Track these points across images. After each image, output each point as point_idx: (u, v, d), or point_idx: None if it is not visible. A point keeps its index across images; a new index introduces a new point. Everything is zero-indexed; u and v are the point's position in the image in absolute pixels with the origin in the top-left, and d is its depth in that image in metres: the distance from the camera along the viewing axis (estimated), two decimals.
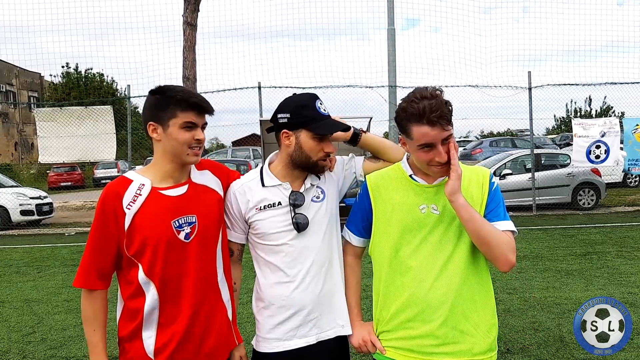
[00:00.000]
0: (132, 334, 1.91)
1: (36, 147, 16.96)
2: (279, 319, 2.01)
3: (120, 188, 1.88)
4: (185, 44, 13.23)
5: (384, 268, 1.96)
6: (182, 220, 1.90)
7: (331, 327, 2.04)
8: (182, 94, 1.87)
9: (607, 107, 29.05)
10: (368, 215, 2.01)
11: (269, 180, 2.02)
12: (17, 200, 13.93)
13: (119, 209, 1.85)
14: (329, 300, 2.03)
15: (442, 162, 1.83)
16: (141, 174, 1.94)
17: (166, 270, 1.88)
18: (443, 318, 1.85)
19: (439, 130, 1.79)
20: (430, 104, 1.77)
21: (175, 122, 1.86)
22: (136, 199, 1.87)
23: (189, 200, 1.93)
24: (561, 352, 4.23)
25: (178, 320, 1.90)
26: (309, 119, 1.94)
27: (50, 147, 13.30)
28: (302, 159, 1.97)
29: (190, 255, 1.91)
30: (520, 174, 13.40)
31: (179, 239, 1.89)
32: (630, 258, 7.51)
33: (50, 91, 35.91)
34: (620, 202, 14.22)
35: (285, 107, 1.99)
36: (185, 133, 1.87)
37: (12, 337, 5.17)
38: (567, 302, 5.53)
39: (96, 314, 1.92)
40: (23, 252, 10.29)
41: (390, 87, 12.42)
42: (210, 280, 1.97)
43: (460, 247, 1.87)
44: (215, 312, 1.99)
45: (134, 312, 1.90)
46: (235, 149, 24.67)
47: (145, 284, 1.88)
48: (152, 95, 1.91)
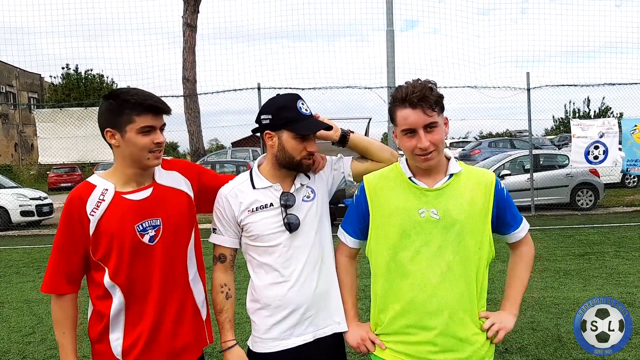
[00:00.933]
0: (101, 335, 1.93)
1: (36, 148, 16.98)
2: (275, 319, 2.01)
3: (83, 194, 1.88)
4: (185, 45, 13.25)
5: (381, 271, 1.94)
6: (146, 224, 1.90)
7: (327, 324, 2.05)
8: (136, 97, 1.83)
9: (606, 108, 29.08)
10: (365, 217, 1.98)
11: (259, 182, 2.03)
12: (17, 201, 13.93)
13: (83, 215, 1.86)
14: (324, 297, 2.04)
15: (423, 149, 1.81)
16: (105, 177, 1.94)
17: (131, 273, 1.89)
18: (443, 325, 1.83)
19: (420, 114, 1.79)
20: (413, 87, 1.81)
21: (133, 127, 1.83)
22: (100, 205, 1.87)
23: (153, 203, 1.92)
24: (559, 352, 4.25)
25: (144, 321, 1.91)
26: (290, 119, 1.96)
27: (50, 148, 13.33)
28: (285, 159, 1.99)
29: (156, 257, 1.91)
30: (519, 175, 13.41)
31: (142, 242, 1.89)
32: (629, 258, 7.52)
33: (50, 92, 35.91)
34: (619, 202, 14.23)
35: (268, 108, 2.01)
36: (143, 137, 1.84)
37: (12, 337, 5.19)
38: (566, 302, 5.54)
39: (66, 317, 1.94)
40: (23, 252, 10.30)
41: (389, 88, 12.42)
42: (178, 281, 1.97)
43: (460, 253, 1.84)
44: (185, 312, 1.99)
45: (101, 314, 1.92)
46: (234, 150, 24.65)
47: (111, 287, 1.89)
48: (106, 100, 1.88)
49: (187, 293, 2.01)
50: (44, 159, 13.83)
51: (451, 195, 1.87)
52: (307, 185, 2.07)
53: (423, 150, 1.82)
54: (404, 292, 1.87)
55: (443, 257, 1.83)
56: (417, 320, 1.85)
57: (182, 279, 1.99)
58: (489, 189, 1.90)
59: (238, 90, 13.24)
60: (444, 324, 1.83)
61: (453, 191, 1.88)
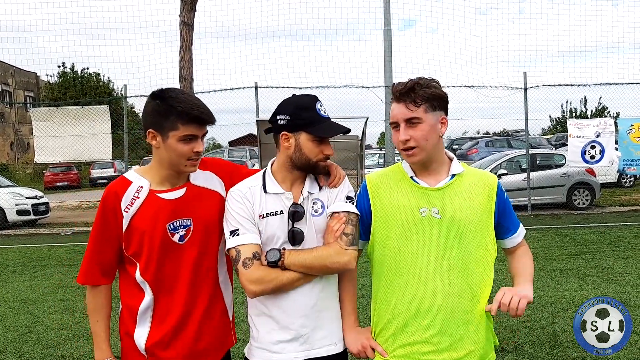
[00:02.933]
0: (128, 329, 1.97)
1: (32, 147, 16.91)
2: (270, 328, 1.96)
3: (119, 189, 1.92)
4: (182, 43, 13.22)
5: (383, 270, 1.93)
6: (177, 223, 1.93)
7: (322, 345, 1.97)
8: (183, 105, 1.82)
9: (602, 107, 29.16)
10: (367, 217, 1.98)
11: (272, 187, 1.97)
12: (14, 200, 13.89)
13: (118, 210, 1.90)
14: (322, 315, 1.96)
15: (402, 142, 1.83)
16: (141, 174, 1.97)
17: (160, 270, 1.92)
18: (443, 324, 1.83)
19: (402, 108, 1.82)
20: (404, 82, 1.82)
21: (175, 134, 1.84)
22: (134, 202, 1.91)
23: (185, 203, 1.95)
24: (555, 351, 4.26)
25: (169, 319, 1.94)
26: (309, 121, 1.91)
27: (46, 146, 13.30)
28: (302, 160, 1.94)
29: (185, 256, 1.94)
30: (516, 174, 13.44)
31: (173, 241, 1.92)
32: (625, 257, 7.56)
33: (46, 91, 35.84)
34: (615, 202, 14.29)
35: (285, 108, 1.95)
36: (184, 146, 1.85)
37: (9, 336, 5.18)
38: (562, 301, 5.56)
39: (99, 306, 1.98)
40: (19, 251, 10.26)
41: (386, 87, 12.41)
42: (208, 281, 1.99)
43: (461, 252, 1.84)
44: (213, 312, 2.00)
45: (130, 308, 1.96)
46: (231, 149, 24.65)
47: (141, 283, 1.94)
48: (153, 100, 1.87)
49: (217, 293, 2.03)
50: (40, 158, 13.80)
51: (453, 195, 1.87)
52: (317, 198, 1.99)
53: (403, 144, 1.84)
54: (405, 292, 1.86)
55: (444, 257, 1.83)
56: (417, 320, 1.85)
57: (212, 279, 2.00)
58: (492, 191, 1.90)
59: (235, 89, 13.23)
60: (445, 323, 1.83)
61: (455, 191, 1.88)
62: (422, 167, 1.91)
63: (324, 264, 1.88)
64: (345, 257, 1.89)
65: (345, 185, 2.03)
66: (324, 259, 1.88)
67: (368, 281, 2.03)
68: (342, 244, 1.89)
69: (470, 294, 1.86)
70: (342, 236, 1.90)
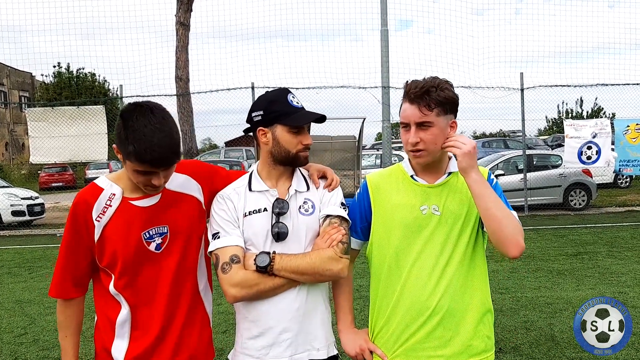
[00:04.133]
0: (104, 343, 1.88)
1: (27, 147, 16.85)
2: (252, 333, 1.91)
3: (90, 197, 1.82)
4: (178, 44, 13.19)
5: (383, 269, 1.93)
6: (153, 231, 1.83)
7: (305, 350, 1.91)
8: (137, 144, 1.66)
9: (598, 108, 29.27)
10: (367, 216, 1.98)
11: (257, 185, 1.96)
12: (9, 201, 13.82)
13: (89, 220, 1.80)
14: (306, 320, 1.90)
15: (412, 144, 1.83)
16: (113, 181, 1.86)
17: (136, 282, 1.83)
18: (443, 320, 1.83)
19: (415, 110, 1.81)
20: (418, 83, 1.82)
21: (130, 165, 1.73)
22: (106, 210, 1.81)
23: (161, 209, 1.85)
24: (553, 352, 4.26)
25: (149, 332, 1.84)
26: (282, 112, 1.90)
27: (42, 147, 13.23)
28: (281, 153, 1.92)
29: (163, 266, 1.85)
30: (513, 175, 13.48)
31: (149, 250, 1.82)
32: (621, 258, 7.57)
33: (41, 91, 35.65)
34: (611, 202, 14.34)
35: (258, 104, 1.95)
36: (139, 176, 1.75)
37: (4, 338, 5.14)
38: (559, 301, 5.57)
39: (69, 320, 1.90)
40: (14, 252, 10.21)
41: (383, 87, 12.43)
42: (187, 291, 1.90)
43: (459, 247, 1.85)
44: (194, 322, 1.92)
45: (106, 321, 1.87)
46: (228, 150, 24.62)
47: (116, 295, 1.84)
48: (120, 118, 1.75)
49: (198, 303, 1.94)
50: (36, 159, 13.73)
51: (449, 191, 1.90)
52: (307, 198, 1.97)
53: (412, 146, 1.84)
54: (405, 290, 1.87)
55: (444, 253, 1.85)
56: (417, 317, 1.85)
57: (191, 288, 1.91)
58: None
59: (232, 89, 13.21)
60: (444, 319, 1.83)
61: (451, 187, 1.91)
62: (425, 167, 1.93)
63: (316, 271, 1.84)
64: (340, 265, 1.87)
65: (339, 190, 2.03)
66: (318, 265, 1.84)
67: (364, 282, 2.01)
68: (337, 251, 1.87)
69: (470, 289, 1.87)
70: (338, 244, 1.87)
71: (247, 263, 1.85)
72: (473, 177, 1.78)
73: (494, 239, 1.79)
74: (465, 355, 1.85)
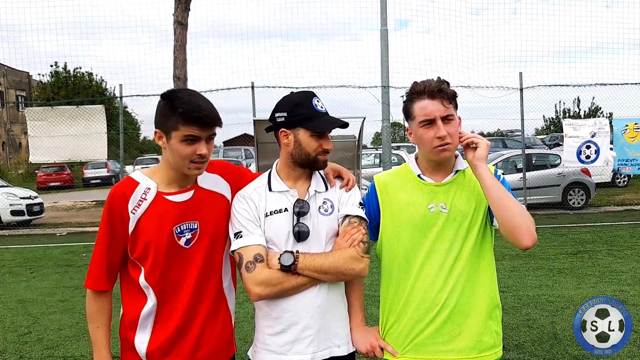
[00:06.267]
0: (128, 335, 1.92)
1: (24, 147, 16.79)
2: (275, 330, 1.93)
3: (126, 190, 1.87)
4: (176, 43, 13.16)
5: (394, 268, 1.96)
6: (184, 227, 1.88)
7: (327, 347, 1.94)
8: (186, 106, 1.77)
9: (596, 107, 29.35)
10: (376, 216, 2.00)
11: (277, 185, 1.98)
12: (8, 201, 13.80)
13: (124, 212, 1.85)
14: (327, 317, 1.93)
15: (442, 138, 1.85)
16: (148, 175, 1.92)
17: (165, 275, 1.87)
18: (451, 316, 1.86)
19: (438, 104, 1.85)
20: (430, 81, 1.88)
21: (177, 135, 1.79)
22: (141, 204, 1.86)
23: (193, 206, 1.91)
24: (555, 349, 4.30)
25: (170, 324, 1.88)
26: (306, 116, 1.92)
27: (40, 146, 13.19)
28: (301, 156, 1.94)
29: (191, 261, 1.89)
30: (511, 174, 13.51)
31: (179, 244, 1.87)
32: (621, 256, 7.62)
33: (38, 90, 35.54)
34: (610, 201, 14.40)
35: (283, 105, 1.97)
36: (186, 147, 1.80)
37: (8, 337, 5.15)
38: (560, 299, 5.61)
39: (101, 311, 1.93)
40: (15, 252, 10.20)
41: (382, 87, 12.43)
42: (213, 287, 1.94)
43: (467, 244, 1.88)
44: (217, 318, 1.96)
45: (131, 314, 1.91)
46: (227, 149, 24.61)
47: (145, 288, 1.88)
48: (162, 99, 1.84)
49: (221, 300, 1.98)
50: (35, 158, 13.69)
51: (457, 189, 1.93)
52: (327, 198, 1.99)
53: (441, 140, 1.86)
54: (415, 287, 1.89)
55: (453, 250, 1.87)
56: (427, 313, 1.88)
57: (216, 285, 1.95)
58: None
59: (232, 89, 13.19)
60: (453, 315, 1.86)
61: (458, 185, 1.94)
62: (436, 165, 1.95)
63: (339, 270, 1.88)
64: (361, 265, 1.90)
65: (356, 190, 2.05)
66: (341, 265, 1.88)
67: (370, 280, 2.03)
68: (359, 250, 1.90)
69: (479, 285, 1.89)
70: (360, 243, 1.91)
71: (271, 262, 1.88)
72: (485, 168, 1.84)
73: (506, 228, 1.79)
74: (475, 351, 1.88)
